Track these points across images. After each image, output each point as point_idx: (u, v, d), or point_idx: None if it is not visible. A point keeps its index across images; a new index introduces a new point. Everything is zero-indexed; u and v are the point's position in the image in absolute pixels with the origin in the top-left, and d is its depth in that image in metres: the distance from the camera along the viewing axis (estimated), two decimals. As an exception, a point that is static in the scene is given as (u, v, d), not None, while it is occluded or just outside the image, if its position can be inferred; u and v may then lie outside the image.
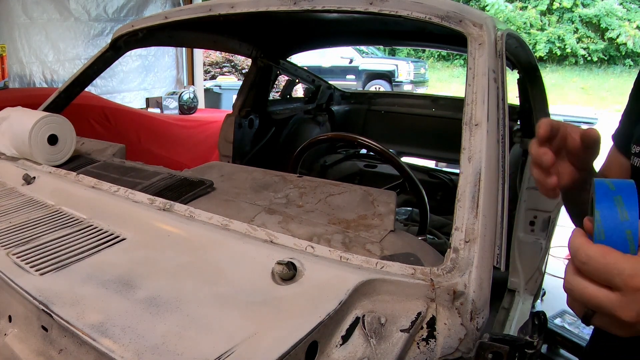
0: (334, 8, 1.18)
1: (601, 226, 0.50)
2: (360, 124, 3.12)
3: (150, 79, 5.07)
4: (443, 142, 2.72)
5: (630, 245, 0.49)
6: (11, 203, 1.12)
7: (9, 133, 1.41)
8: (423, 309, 0.70)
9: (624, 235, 0.49)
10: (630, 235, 0.49)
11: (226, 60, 10.09)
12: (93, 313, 0.69)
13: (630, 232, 0.49)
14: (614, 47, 15.36)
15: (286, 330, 0.63)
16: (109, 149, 1.53)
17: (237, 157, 2.39)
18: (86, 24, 4.35)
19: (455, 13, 1.07)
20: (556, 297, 2.76)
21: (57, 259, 0.84)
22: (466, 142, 0.90)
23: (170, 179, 1.20)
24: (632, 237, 0.49)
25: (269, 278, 0.75)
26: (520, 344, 0.67)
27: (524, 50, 1.57)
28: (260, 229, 0.89)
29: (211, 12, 1.41)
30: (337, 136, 2.32)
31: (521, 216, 1.87)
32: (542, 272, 1.90)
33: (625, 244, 0.49)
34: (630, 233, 0.49)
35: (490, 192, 0.83)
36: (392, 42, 2.92)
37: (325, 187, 1.13)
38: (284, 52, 2.52)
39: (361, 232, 0.92)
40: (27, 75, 3.96)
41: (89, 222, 1.00)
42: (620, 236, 0.49)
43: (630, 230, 0.49)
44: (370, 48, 12.44)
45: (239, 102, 2.42)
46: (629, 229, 0.49)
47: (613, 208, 0.50)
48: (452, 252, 0.77)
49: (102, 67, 1.72)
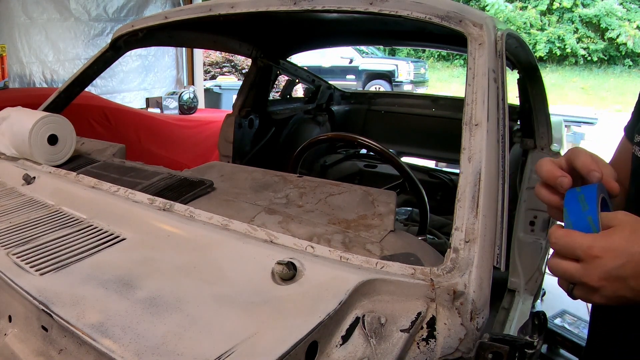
0: (334, 8, 1.18)
1: (568, 217, 0.64)
2: (360, 124, 3.12)
3: (150, 79, 5.07)
4: (443, 142, 2.72)
5: (592, 227, 0.61)
6: (11, 203, 1.12)
7: (9, 133, 1.41)
8: (423, 309, 0.70)
9: (586, 221, 0.62)
10: (590, 220, 0.62)
11: (226, 60, 10.09)
12: (93, 313, 0.69)
13: (591, 217, 0.62)
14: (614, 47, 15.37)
15: (286, 330, 0.63)
16: (109, 149, 1.53)
17: (237, 157, 2.39)
18: (86, 24, 4.35)
19: (455, 13, 1.07)
20: (556, 297, 2.76)
21: (57, 259, 0.84)
22: (466, 142, 0.90)
23: (170, 179, 1.20)
24: (592, 222, 0.62)
25: (269, 278, 0.75)
26: (520, 344, 0.67)
27: (524, 50, 1.57)
28: (260, 229, 0.89)
29: (211, 12, 1.41)
30: (337, 136, 2.32)
31: (521, 216, 1.87)
32: (542, 272, 1.90)
33: (588, 228, 0.62)
34: (590, 219, 0.62)
35: (490, 192, 0.83)
36: (392, 42, 2.92)
37: (325, 187, 1.13)
38: (284, 52, 2.52)
39: (361, 232, 0.92)
40: (27, 75, 3.96)
41: (89, 222, 1.00)
42: (583, 222, 0.62)
43: (590, 216, 0.62)
44: (370, 48, 12.44)
45: (239, 102, 2.42)
46: (589, 215, 0.62)
47: (577, 203, 0.64)
48: (452, 252, 0.77)
49: (102, 67, 1.72)
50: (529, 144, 1.88)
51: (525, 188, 1.86)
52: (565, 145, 2.45)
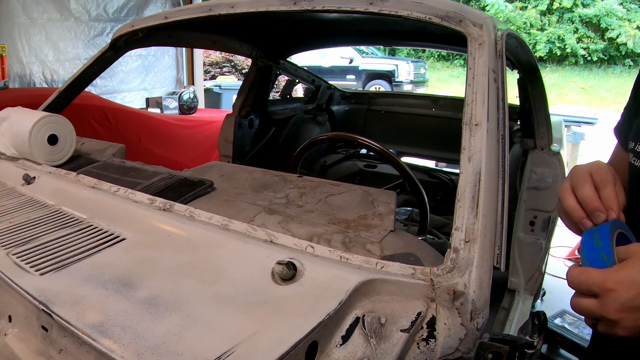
0: (334, 8, 1.18)
1: (584, 255, 0.66)
2: (360, 124, 3.12)
3: (150, 79, 5.07)
4: (443, 142, 2.72)
5: (607, 263, 0.63)
6: (11, 203, 1.12)
7: (9, 133, 1.41)
8: (423, 309, 0.70)
9: (600, 257, 0.64)
10: (605, 256, 0.64)
11: (226, 60, 10.09)
12: (93, 313, 0.69)
13: (605, 254, 0.64)
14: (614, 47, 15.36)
15: (286, 330, 0.63)
16: (109, 149, 1.53)
17: (237, 157, 2.39)
18: (86, 24, 4.35)
19: (455, 13, 1.07)
20: (556, 297, 2.76)
21: (57, 259, 0.84)
22: (466, 142, 0.90)
23: (170, 179, 1.20)
24: (606, 257, 0.64)
25: (269, 278, 0.75)
26: (520, 344, 0.67)
27: (524, 50, 1.57)
28: (260, 229, 0.89)
29: (211, 12, 1.41)
30: (337, 136, 2.32)
31: (521, 216, 1.87)
32: (542, 272, 1.90)
33: (603, 263, 0.64)
34: (604, 255, 0.64)
35: (490, 192, 0.83)
36: (392, 42, 2.92)
37: (325, 187, 1.13)
38: (284, 52, 2.52)
39: (361, 232, 0.92)
40: (27, 75, 3.96)
41: (89, 222, 1.00)
42: (597, 258, 0.65)
43: (604, 252, 0.64)
44: (370, 48, 12.44)
45: (239, 102, 2.42)
46: (603, 252, 0.64)
47: (592, 241, 0.67)
48: (452, 252, 0.77)
49: (102, 67, 1.72)
50: (529, 144, 1.88)
51: (525, 188, 1.86)
52: (565, 146, 2.44)
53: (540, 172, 1.85)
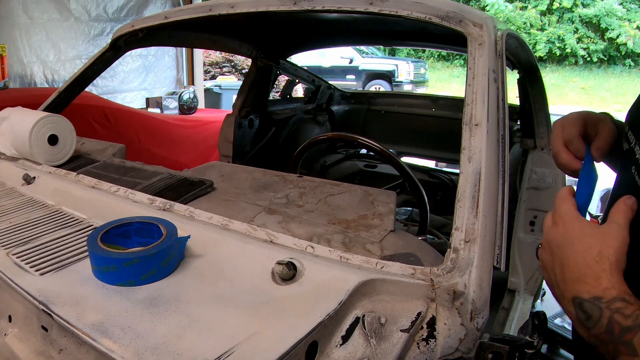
0: (334, 8, 1.18)
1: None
2: (360, 124, 3.12)
3: (150, 79, 5.07)
4: (443, 142, 2.72)
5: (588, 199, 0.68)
6: (11, 203, 1.12)
7: (9, 133, 1.41)
8: (423, 309, 0.70)
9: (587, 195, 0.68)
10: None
11: (226, 60, 10.10)
12: (93, 313, 0.69)
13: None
14: (614, 47, 15.35)
15: (286, 330, 0.63)
16: (109, 149, 1.53)
17: (237, 157, 2.39)
18: (86, 24, 4.35)
19: (455, 13, 1.07)
20: (556, 297, 2.76)
21: (57, 259, 0.84)
22: (466, 142, 0.90)
23: (170, 179, 1.20)
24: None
25: (269, 278, 0.75)
26: (520, 344, 0.67)
27: (524, 50, 1.57)
28: (260, 229, 0.89)
29: (211, 12, 1.41)
30: (337, 136, 2.32)
31: (521, 216, 1.87)
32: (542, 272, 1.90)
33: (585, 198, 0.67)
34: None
35: (490, 192, 0.83)
36: (392, 42, 2.92)
37: (325, 187, 1.13)
38: (284, 52, 2.52)
39: (361, 232, 0.92)
40: (28, 75, 3.97)
41: (88, 222, 1.00)
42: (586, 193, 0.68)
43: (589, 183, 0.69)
44: (370, 48, 12.44)
45: (239, 102, 2.42)
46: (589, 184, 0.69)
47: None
48: (452, 252, 0.77)
49: (102, 67, 1.72)
50: (529, 144, 1.88)
51: (525, 188, 1.86)
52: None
53: (540, 172, 1.85)
